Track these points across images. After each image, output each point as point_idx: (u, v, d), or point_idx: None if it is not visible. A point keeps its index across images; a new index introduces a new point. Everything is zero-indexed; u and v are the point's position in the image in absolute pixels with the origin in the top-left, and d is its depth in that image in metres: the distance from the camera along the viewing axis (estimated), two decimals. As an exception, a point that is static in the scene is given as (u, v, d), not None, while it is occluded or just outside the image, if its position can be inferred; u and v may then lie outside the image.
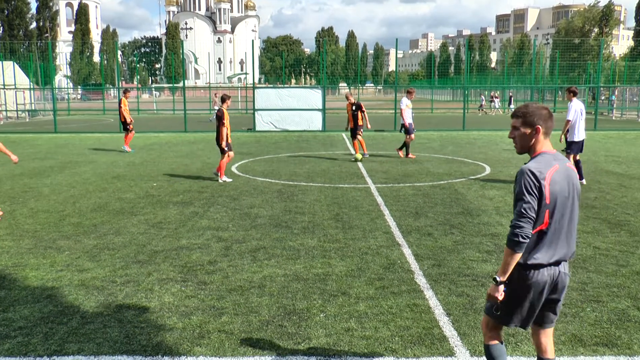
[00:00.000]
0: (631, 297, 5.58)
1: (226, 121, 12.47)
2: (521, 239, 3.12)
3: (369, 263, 6.69)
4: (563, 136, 12.16)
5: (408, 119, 16.83)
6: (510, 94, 51.73)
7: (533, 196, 3.14)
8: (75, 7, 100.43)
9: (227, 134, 12.51)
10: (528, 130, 3.32)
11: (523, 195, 3.15)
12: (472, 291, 5.68)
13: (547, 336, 3.49)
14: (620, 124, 33.89)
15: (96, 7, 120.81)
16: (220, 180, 12.58)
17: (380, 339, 4.67)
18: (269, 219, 8.96)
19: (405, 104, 16.94)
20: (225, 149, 12.57)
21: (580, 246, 7.36)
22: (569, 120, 12.00)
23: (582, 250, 7.21)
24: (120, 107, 19.33)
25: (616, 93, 45.86)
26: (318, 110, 27.80)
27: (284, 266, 6.59)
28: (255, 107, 27.75)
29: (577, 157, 12.30)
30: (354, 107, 15.98)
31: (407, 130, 16.88)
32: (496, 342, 3.54)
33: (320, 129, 27.70)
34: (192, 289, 5.85)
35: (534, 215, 3.14)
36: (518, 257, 3.17)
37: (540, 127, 3.28)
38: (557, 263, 3.26)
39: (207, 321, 5.02)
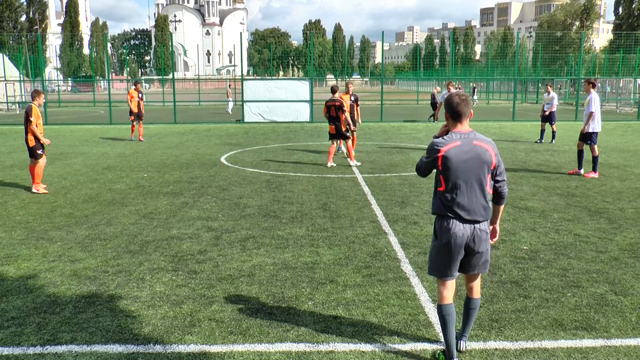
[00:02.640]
0: (609, 282, 5.65)
1: (347, 108, 13.58)
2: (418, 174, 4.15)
3: (356, 251, 6.72)
4: (586, 126, 11.83)
5: None
6: (474, 85, 52.05)
7: (428, 159, 3.98)
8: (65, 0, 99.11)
9: (347, 120, 13.56)
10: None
11: (422, 156, 4.06)
12: (457, 278, 5.70)
13: (473, 281, 4.19)
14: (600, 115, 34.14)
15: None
16: (352, 164, 13.42)
17: (368, 325, 4.70)
18: (258, 209, 8.95)
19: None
20: (347, 134, 13.43)
21: (561, 233, 7.44)
22: (592, 112, 11.75)
23: (563, 237, 7.28)
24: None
25: (598, 85, 46.11)
26: (306, 101, 27.72)
27: (273, 255, 6.59)
28: (244, 99, 27.62)
29: (593, 149, 11.89)
30: (352, 98, 15.35)
31: None
32: (445, 302, 4.06)
33: (308, 120, 27.63)
34: (183, 278, 5.84)
35: (424, 170, 4.06)
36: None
37: (446, 112, 4.02)
38: (470, 221, 3.91)
39: (197, 310, 5.02)
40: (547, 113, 18.74)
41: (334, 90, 13.58)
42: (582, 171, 12.09)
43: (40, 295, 5.37)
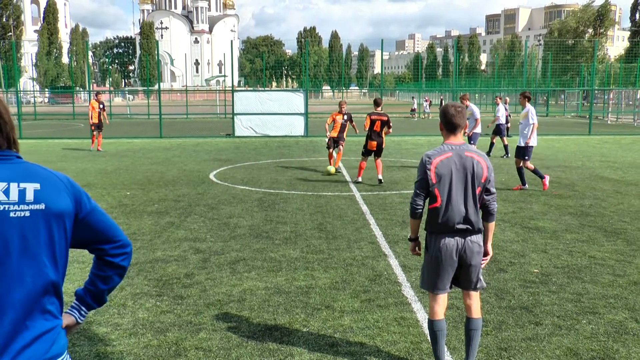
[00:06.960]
0: (629, 309, 5.64)
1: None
2: (412, 208, 4.18)
3: (354, 275, 6.70)
4: (529, 140, 12.22)
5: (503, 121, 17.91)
6: (441, 97, 54.41)
7: (422, 176, 4.11)
8: (43, 5, 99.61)
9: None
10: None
11: (417, 175, 4.17)
12: (461, 303, 5.68)
13: (472, 298, 4.29)
14: (616, 129, 34.36)
15: (65, 4, 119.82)
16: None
17: (366, 354, 4.67)
18: (249, 229, 8.94)
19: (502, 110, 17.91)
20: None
21: (575, 255, 7.44)
22: (534, 124, 12.15)
23: (577, 259, 7.28)
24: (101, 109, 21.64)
25: (602, 95, 46.44)
26: (300, 114, 27.82)
27: (264, 279, 6.57)
28: (235, 112, 27.72)
29: (527, 164, 12.24)
30: (345, 117, 15.63)
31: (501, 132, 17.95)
32: (436, 318, 4.23)
33: (303, 134, 27.72)
34: (168, 303, 5.81)
35: (422, 191, 4.11)
36: (416, 222, 4.26)
37: (440, 123, 4.23)
38: (462, 233, 4.08)
39: (183, 338, 4.99)
40: (494, 125, 19.79)
41: (377, 103, 13.68)
42: (526, 186, 12.39)
43: (12, 322, 5.32)
